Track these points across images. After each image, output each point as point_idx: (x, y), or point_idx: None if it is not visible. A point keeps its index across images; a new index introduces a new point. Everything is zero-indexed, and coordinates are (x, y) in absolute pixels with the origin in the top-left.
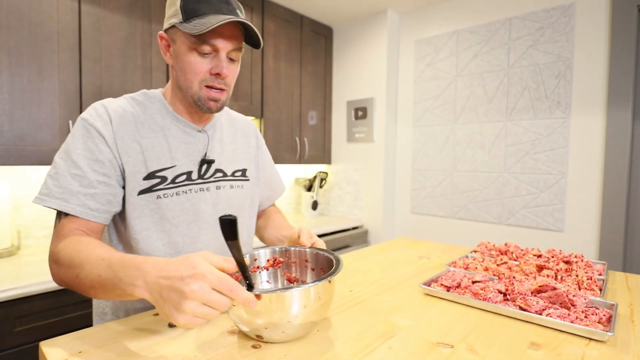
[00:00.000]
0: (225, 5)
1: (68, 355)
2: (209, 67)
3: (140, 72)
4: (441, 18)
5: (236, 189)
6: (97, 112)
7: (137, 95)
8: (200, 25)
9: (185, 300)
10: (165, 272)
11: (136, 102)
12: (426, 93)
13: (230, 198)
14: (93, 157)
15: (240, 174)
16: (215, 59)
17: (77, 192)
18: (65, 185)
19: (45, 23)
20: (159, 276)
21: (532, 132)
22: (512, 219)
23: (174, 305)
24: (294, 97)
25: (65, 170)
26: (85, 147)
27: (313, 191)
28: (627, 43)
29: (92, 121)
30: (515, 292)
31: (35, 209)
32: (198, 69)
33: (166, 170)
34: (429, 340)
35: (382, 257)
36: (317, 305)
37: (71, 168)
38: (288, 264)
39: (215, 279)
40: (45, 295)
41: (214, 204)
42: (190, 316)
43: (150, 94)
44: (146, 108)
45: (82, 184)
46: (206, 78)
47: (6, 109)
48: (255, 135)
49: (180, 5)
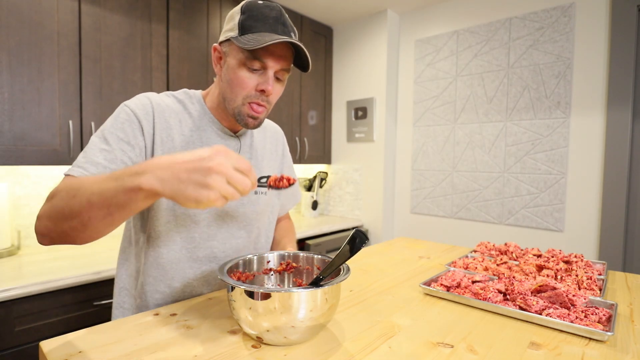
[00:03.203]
0: (281, 27)
1: (68, 355)
2: (256, 84)
3: (140, 72)
4: (441, 18)
5: (260, 195)
6: (142, 102)
7: (179, 93)
8: (254, 41)
9: (212, 175)
10: (180, 158)
11: (177, 99)
12: (426, 93)
13: (254, 204)
14: (126, 138)
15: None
16: (262, 76)
17: (98, 164)
18: (90, 157)
19: (45, 23)
20: (173, 163)
21: (532, 132)
22: (512, 219)
23: (200, 183)
24: (294, 97)
25: (95, 145)
26: (121, 128)
27: (313, 191)
28: (627, 43)
29: (134, 108)
30: (515, 292)
31: (35, 209)
32: (245, 84)
33: None
34: (429, 340)
35: (382, 257)
36: (324, 310)
37: (102, 144)
38: (299, 270)
39: (235, 156)
40: (45, 295)
41: (236, 207)
42: (217, 192)
43: (191, 94)
44: (186, 106)
45: (106, 158)
46: (251, 94)
47: (6, 109)
48: (283, 142)
49: (239, 20)
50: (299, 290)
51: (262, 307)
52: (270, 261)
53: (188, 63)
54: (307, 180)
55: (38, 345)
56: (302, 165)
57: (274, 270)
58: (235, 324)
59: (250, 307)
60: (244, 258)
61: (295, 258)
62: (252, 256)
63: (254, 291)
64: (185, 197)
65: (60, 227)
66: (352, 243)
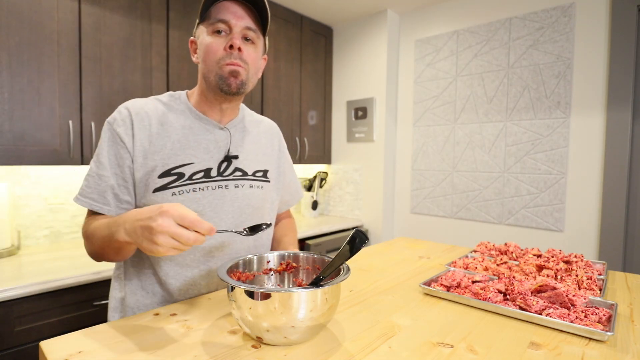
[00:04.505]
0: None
1: (68, 355)
2: (224, 45)
3: (140, 72)
4: (441, 18)
5: (255, 189)
6: (121, 115)
7: (163, 96)
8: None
9: (155, 234)
10: (140, 215)
11: (161, 102)
12: (426, 93)
13: (249, 198)
14: (115, 160)
15: (262, 175)
16: (229, 36)
17: (103, 192)
18: (93, 185)
19: (45, 23)
20: (135, 219)
21: (532, 132)
22: (512, 219)
23: (148, 239)
24: (294, 97)
25: (95, 171)
26: (110, 151)
27: (313, 191)
28: (627, 43)
29: (115, 127)
30: (515, 292)
31: (35, 209)
32: (215, 49)
33: (183, 167)
34: (429, 340)
35: (382, 257)
36: (324, 310)
37: (100, 169)
38: (299, 270)
39: (177, 214)
40: (45, 295)
41: (231, 202)
42: (165, 247)
43: (176, 95)
44: (171, 108)
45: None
46: (223, 56)
47: (6, 109)
48: (279, 138)
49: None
50: (299, 290)
51: (262, 307)
52: (270, 261)
53: (188, 63)
54: (307, 180)
55: (38, 345)
56: (302, 165)
57: (274, 270)
58: (235, 324)
59: (250, 307)
60: (244, 258)
61: (295, 258)
62: (252, 256)
63: (254, 291)
64: (143, 248)
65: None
66: (352, 243)
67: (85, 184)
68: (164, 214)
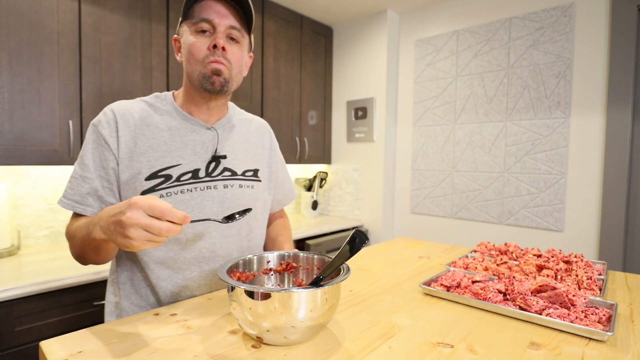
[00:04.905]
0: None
1: (68, 355)
2: (208, 44)
3: (140, 72)
4: (441, 18)
5: (245, 188)
6: (106, 117)
7: (149, 97)
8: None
9: (126, 227)
10: (112, 211)
11: (147, 104)
12: (426, 93)
13: (239, 197)
14: (100, 162)
15: (252, 174)
16: (213, 35)
17: (86, 194)
18: (76, 187)
19: (45, 23)
20: (108, 216)
21: (532, 132)
22: (512, 219)
23: (121, 234)
24: (294, 97)
25: (78, 173)
26: (94, 153)
27: (313, 191)
28: (627, 43)
29: (99, 128)
30: (515, 292)
31: (34, 209)
32: (199, 48)
33: (171, 169)
34: (429, 340)
35: (382, 257)
36: (324, 310)
37: (84, 171)
38: (299, 270)
39: (146, 205)
40: (45, 295)
41: (220, 202)
42: (139, 240)
43: (162, 96)
44: (156, 109)
45: (91, 187)
46: (207, 55)
47: (6, 109)
48: (270, 137)
49: (184, 4)
50: (299, 290)
51: (262, 307)
52: (270, 261)
53: None
54: (307, 180)
55: (38, 345)
56: (302, 165)
57: (274, 270)
58: (235, 324)
59: (251, 307)
60: (244, 258)
61: (295, 258)
62: (252, 256)
63: (254, 291)
64: (118, 244)
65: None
66: (352, 243)
67: (69, 186)
68: (132, 205)
